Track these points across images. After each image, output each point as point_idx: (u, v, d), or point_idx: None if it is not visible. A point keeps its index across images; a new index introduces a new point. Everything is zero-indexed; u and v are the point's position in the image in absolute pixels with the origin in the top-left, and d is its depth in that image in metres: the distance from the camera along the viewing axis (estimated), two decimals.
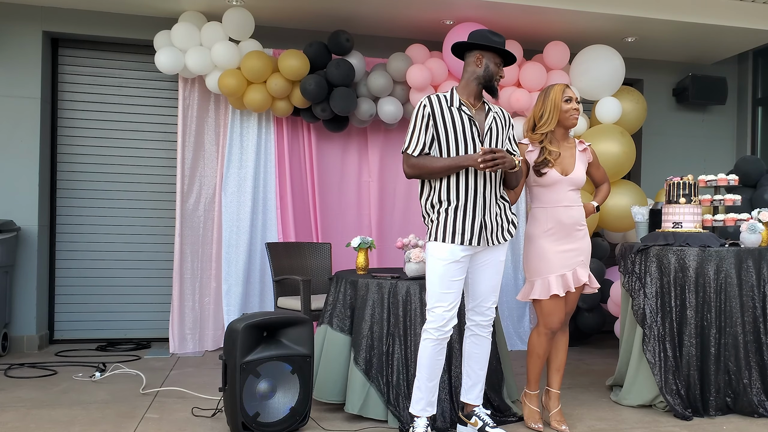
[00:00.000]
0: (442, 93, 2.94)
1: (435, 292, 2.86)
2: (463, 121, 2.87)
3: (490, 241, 2.91)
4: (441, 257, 2.85)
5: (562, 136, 3.22)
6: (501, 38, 2.93)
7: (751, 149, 6.15)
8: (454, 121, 2.86)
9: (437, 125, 2.86)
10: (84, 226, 5.14)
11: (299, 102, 4.79)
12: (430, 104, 2.88)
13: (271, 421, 3.03)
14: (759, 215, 3.78)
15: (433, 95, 2.92)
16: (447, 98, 2.91)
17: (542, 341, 3.21)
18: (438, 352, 2.88)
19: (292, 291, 4.41)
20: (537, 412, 3.25)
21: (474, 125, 2.88)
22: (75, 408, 3.46)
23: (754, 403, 3.47)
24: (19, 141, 4.82)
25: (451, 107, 2.88)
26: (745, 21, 5.03)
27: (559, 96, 3.14)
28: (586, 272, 3.20)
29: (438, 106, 2.88)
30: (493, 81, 2.91)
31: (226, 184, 5.03)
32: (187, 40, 4.67)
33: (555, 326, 3.18)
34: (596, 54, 5.07)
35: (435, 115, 2.86)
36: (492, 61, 2.90)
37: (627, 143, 5.00)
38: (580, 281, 3.17)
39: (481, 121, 2.92)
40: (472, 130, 2.88)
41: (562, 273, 3.14)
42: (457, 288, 2.87)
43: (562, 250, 3.15)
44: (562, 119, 3.16)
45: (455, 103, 2.90)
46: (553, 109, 3.14)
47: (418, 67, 4.74)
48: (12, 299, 4.80)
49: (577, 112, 3.17)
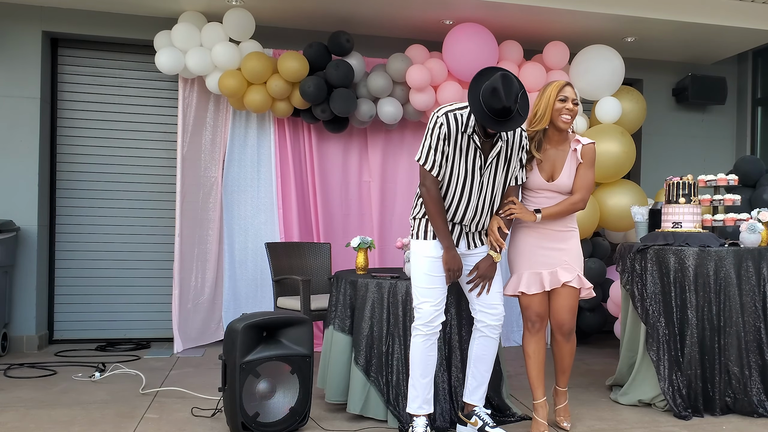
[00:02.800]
0: (460, 112, 2.80)
1: (421, 289, 2.90)
2: (470, 149, 2.83)
3: (470, 244, 2.97)
4: (425, 254, 2.90)
5: (557, 137, 3.05)
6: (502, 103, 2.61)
7: (751, 149, 6.15)
8: (461, 147, 2.81)
9: (446, 147, 2.81)
10: (84, 226, 5.14)
11: (299, 103, 4.79)
12: (447, 126, 2.77)
13: (270, 421, 3.03)
14: (758, 215, 3.78)
15: (451, 113, 2.78)
16: (463, 121, 2.78)
17: (527, 339, 3.17)
18: (429, 347, 2.91)
19: (291, 291, 4.41)
20: (543, 424, 3.14)
21: (478, 156, 2.84)
22: (74, 408, 3.46)
23: (754, 403, 3.47)
24: (19, 141, 4.82)
25: (465, 133, 2.80)
26: (745, 21, 5.02)
27: (554, 94, 2.97)
28: (572, 275, 3.05)
29: (454, 130, 2.78)
30: (498, 135, 2.84)
31: (226, 184, 5.03)
32: (187, 40, 4.67)
33: (533, 321, 3.12)
34: (596, 54, 5.07)
35: (449, 138, 2.79)
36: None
37: (627, 143, 5.00)
38: (560, 282, 3.05)
39: (487, 150, 2.86)
40: (475, 161, 2.84)
41: (537, 270, 3.08)
42: (442, 284, 2.90)
43: (543, 248, 3.06)
44: (554, 118, 2.99)
45: (468, 129, 2.80)
46: (546, 107, 2.98)
47: (418, 68, 4.74)
48: (12, 299, 4.80)
49: (569, 113, 2.97)
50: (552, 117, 3.00)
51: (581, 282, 3.10)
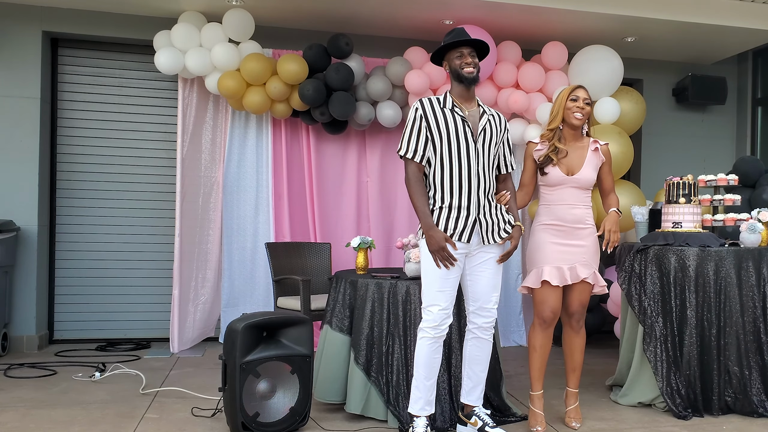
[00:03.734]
0: (435, 96, 2.97)
1: (430, 290, 2.88)
2: (456, 122, 2.89)
3: (485, 239, 2.93)
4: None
5: (572, 135, 3.22)
6: (453, 32, 2.95)
7: (751, 149, 6.15)
8: (447, 122, 2.88)
9: (431, 127, 2.88)
10: (84, 226, 5.14)
11: (298, 105, 4.78)
12: (422, 106, 2.91)
13: (270, 421, 3.03)
14: (758, 215, 3.78)
15: (425, 98, 2.95)
16: (440, 100, 2.94)
17: (536, 333, 3.22)
18: (435, 350, 2.89)
19: (291, 291, 4.41)
20: (540, 414, 3.21)
21: (467, 126, 2.90)
22: (75, 408, 3.46)
23: (754, 403, 3.47)
24: (19, 141, 4.82)
25: (444, 108, 2.91)
26: (745, 21, 5.02)
27: (566, 95, 3.19)
28: (589, 271, 3.17)
29: (430, 108, 2.90)
30: (461, 73, 2.91)
31: (226, 184, 5.03)
32: (186, 40, 4.67)
33: (546, 316, 3.17)
34: (595, 54, 5.07)
35: (428, 117, 2.88)
36: (452, 58, 2.93)
37: (625, 143, 5.00)
38: (579, 277, 3.15)
39: (475, 122, 2.94)
40: (465, 131, 2.89)
41: (558, 265, 3.15)
42: (451, 286, 2.88)
43: (562, 244, 3.15)
44: (566, 116, 3.19)
45: (448, 104, 2.92)
46: (560, 107, 3.19)
47: (417, 73, 4.73)
48: (12, 299, 4.80)
49: (581, 111, 3.16)
50: (565, 115, 3.19)
51: (596, 279, 3.21)
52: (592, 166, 3.20)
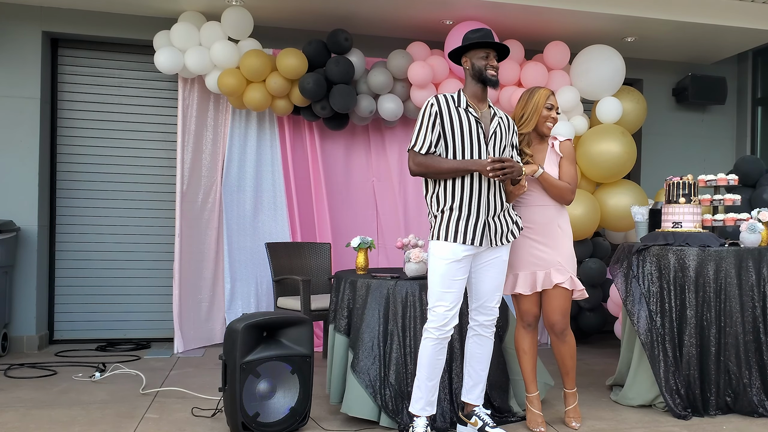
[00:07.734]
0: (450, 93, 2.96)
1: (436, 292, 2.87)
2: (470, 121, 2.89)
3: (493, 242, 2.93)
4: (443, 256, 2.86)
5: (536, 139, 3.23)
6: (481, 32, 2.94)
7: (751, 149, 6.15)
8: (461, 121, 2.88)
9: (444, 124, 2.87)
10: (84, 226, 5.14)
11: (299, 100, 4.78)
12: (437, 103, 2.90)
13: (270, 421, 3.03)
14: (758, 215, 3.78)
15: (441, 95, 2.94)
16: (454, 98, 2.93)
17: (521, 336, 3.26)
18: (438, 351, 2.89)
19: (292, 291, 4.41)
20: (538, 414, 3.23)
21: (480, 126, 2.90)
22: (75, 408, 3.46)
23: (754, 403, 3.47)
24: (19, 141, 4.82)
25: (459, 107, 2.91)
26: (745, 21, 5.02)
27: (543, 101, 3.15)
28: (564, 276, 3.12)
29: (445, 106, 2.90)
30: (484, 74, 2.92)
31: (227, 183, 5.03)
32: (186, 40, 4.67)
33: (527, 320, 3.23)
34: (597, 54, 5.07)
35: (442, 113, 2.88)
36: (477, 57, 2.93)
37: (628, 143, 5.00)
38: (552, 283, 3.12)
39: (487, 124, 2.94)
40: (478, 132, 2.89)
41: (532, 270, 3.15)
42: (458, 287, 2.87)
43: (537, 248, 3.14)
44: (539, 124, 3.16)
45: (462, 103, 2.92)
46: (534, 112, 3.14)
47: (420, 64, 4.73)
48: (12, 299, 4.80)
49: (554, 122, 3.17)
50: (537, 122, 3.16)
51: (573, 284, 3.17)
52: (552, 162, 3.19)
